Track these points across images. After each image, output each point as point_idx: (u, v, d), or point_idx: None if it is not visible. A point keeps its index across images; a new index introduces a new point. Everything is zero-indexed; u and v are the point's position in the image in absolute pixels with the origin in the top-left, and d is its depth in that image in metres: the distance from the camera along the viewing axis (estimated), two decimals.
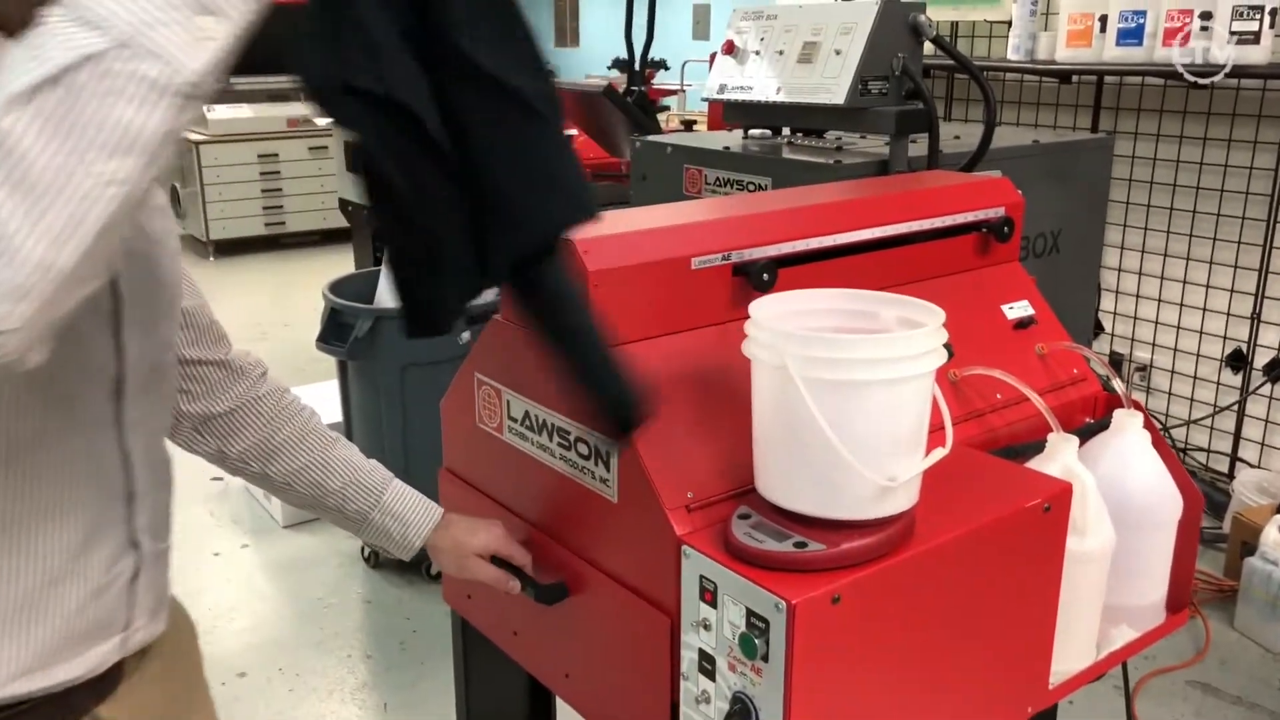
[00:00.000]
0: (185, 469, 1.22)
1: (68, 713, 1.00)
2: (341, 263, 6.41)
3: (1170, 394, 3.79)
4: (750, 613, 0.96)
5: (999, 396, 1.38)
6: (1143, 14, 3.26)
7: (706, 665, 1.02)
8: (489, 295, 0.96)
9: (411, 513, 1.31)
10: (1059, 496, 1.15)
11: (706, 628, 1.01)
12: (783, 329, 0.99)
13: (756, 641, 0.95)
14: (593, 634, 1.23)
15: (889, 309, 1.09)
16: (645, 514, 1.08)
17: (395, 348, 2.97)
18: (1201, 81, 3.17)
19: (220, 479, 3.77)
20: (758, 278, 1.22)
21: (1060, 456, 1.24)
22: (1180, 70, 3.16)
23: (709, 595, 1.01)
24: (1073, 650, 1.26)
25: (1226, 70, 3.08)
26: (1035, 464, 1.25)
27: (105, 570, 1.01)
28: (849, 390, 0.96)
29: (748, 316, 1.04)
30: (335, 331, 3.01)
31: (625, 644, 1.16)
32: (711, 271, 1.21)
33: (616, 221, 1.25)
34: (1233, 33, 3.06)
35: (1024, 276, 1.57)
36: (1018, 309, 1.51)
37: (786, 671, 0.94)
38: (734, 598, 0.98)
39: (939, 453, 1.02)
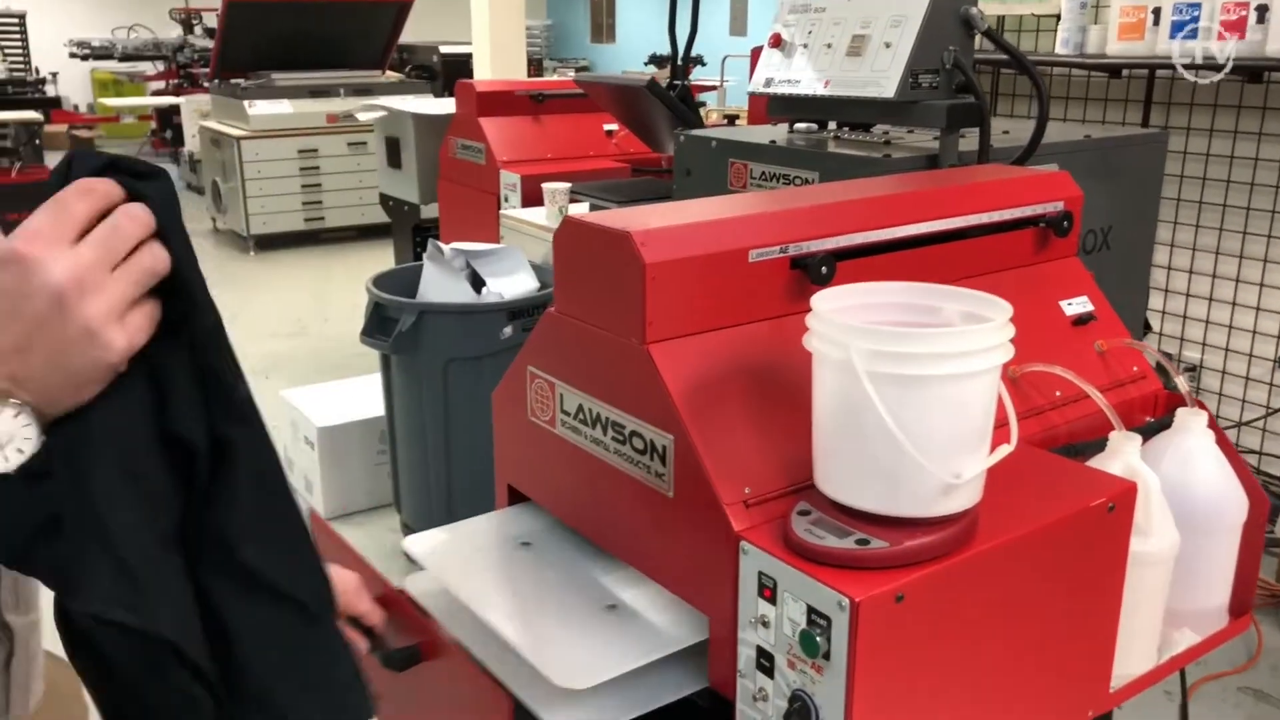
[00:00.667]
0: None
1: None
2: (380, 258, 6.45)
3: (1221, 395, 3.71)
4: (811, 610, 0.95)
5: (1058, 394, 1.36)
6: (1198, 6, 3.19)
7: (764, 662, 1.01)
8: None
9: None
10: (1123, 496, 1.13)
11: (765, 625, 1.00)
12: (848, 322, 0.98)
13: (818, 639, 0.94)
14: (440, 706, 1.19)
15: (952, 303, 1.07)
16: (702, 509, 1.07)
17: (439, 342, 2.98)
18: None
19: None
20: (816, 271, 1.21)
21: (1123, 455, 1.22)
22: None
23: (768, 592, 0.99)
24: (1135, 653, 1.24)
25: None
26: (1096, 463, 1.23)
27: None
28: (915, 385, 0.94)
29: (805, 310, 1.03)
30: (379, 325, 3.02)
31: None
32: (769, 264, 1.20)
33: (672, 214, 1.24)
34: None
35: (1082, 272, 1.54)
36: (1076, 305, 1.48)
37: (849, 670, 0.92)
38: (795, 594, 0.96)
39: (1004, 449, 1.00)
